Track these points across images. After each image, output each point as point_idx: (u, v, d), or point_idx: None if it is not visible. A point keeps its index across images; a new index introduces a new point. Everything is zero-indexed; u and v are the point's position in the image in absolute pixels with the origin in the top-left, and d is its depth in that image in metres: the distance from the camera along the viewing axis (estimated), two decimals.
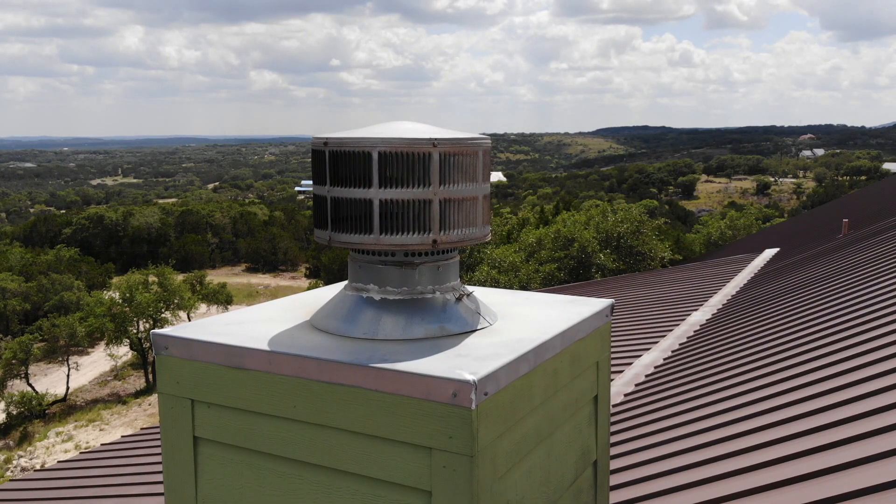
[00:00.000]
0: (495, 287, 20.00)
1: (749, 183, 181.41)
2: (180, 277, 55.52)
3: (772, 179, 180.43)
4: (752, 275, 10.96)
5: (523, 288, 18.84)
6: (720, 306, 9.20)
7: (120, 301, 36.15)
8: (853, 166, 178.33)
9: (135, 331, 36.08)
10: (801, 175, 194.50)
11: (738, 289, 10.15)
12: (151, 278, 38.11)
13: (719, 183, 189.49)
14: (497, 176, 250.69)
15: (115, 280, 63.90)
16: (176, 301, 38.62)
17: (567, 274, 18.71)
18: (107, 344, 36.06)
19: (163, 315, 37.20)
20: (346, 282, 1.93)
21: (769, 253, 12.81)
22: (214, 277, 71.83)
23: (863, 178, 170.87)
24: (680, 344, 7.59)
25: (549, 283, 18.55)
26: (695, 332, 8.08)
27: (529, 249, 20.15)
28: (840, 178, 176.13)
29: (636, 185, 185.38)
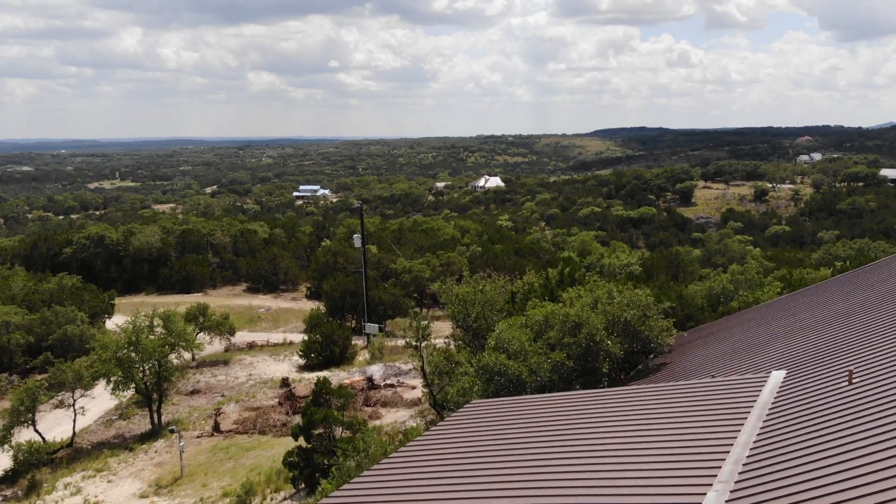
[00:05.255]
0: (504, 374, 20.14)
1: (747, 189, 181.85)
2: (182, 309, 55.65)
3: (769, 186, 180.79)
4: (763, 422, 11.19)
5: (532, 374, 19.10)
6: (734, 482, 9.42)
7: (125, 345, 36.34)
8: (850, 172, 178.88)
9: (141, 376, 36.28)
10: (798, 181, 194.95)
11: (749, 448, 10.37)
12: (157, 321, 38.31)
13: (717, 189, 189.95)
14: (495, 181, 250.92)
15: (117, 302, 64.07)
16: (182, 344, 38.82)
17: (576, 362, 19.01)
18: (113, 391, 36.24)
19: (168, 358, 37.42)
20: None
21: (776, 380, 13.04)
22: (215, 298, 71.99)
23: (860, 184, 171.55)
24: None
25: (559, 371, 18.86)
26: None
27: (537, 328, 20.42)
28: (837, 185, 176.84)
29: (634, 192, 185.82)
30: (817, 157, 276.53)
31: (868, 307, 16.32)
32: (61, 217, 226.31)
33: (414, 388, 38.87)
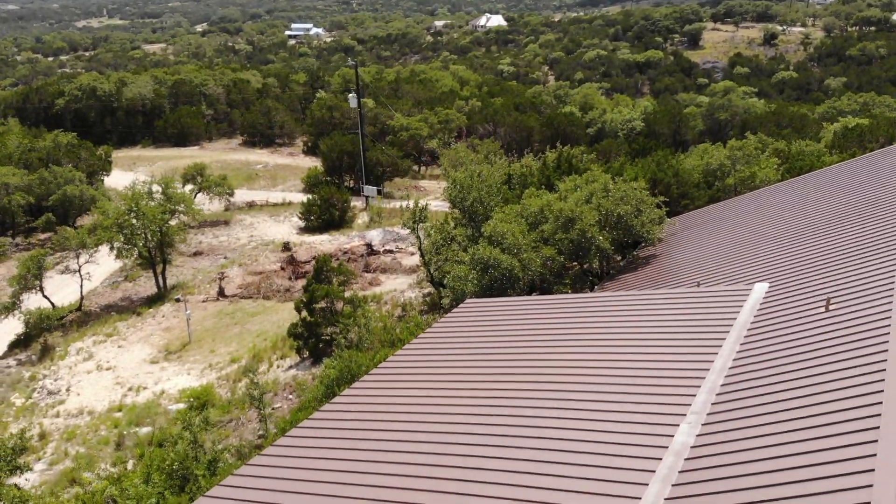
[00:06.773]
0: (497, 268, 20.53)
1: (756, 32, 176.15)
2: (181, 165, 55.60)
3: (780, 29, 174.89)
4: (740, 345, 11.68)
5: (524, 268, 19.55)
6: (706, 415, 10.03)
7: (126, 212, 36.67)
8: (863, 17, 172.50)
9: (143, 243, 36.88)
10: (810, 24, 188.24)
11: (724, 376, 10.92)
12: (155, 187, 38.50)
13: (726, 31, 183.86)
14: (497, 20, 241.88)
15: (114, 156, 63.85)
16: (181, 209, 39.18)
17: (566, 257, 19.40)
18: (117, 256, 37.02)
19: (168, 225, 37.90)
20: None
21: (757, 295, 13.42)
22: (211, 152, 71.64)
23: (872, 28, 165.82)
24: (667, 500, 8.50)
25: (550, 266, 19.29)
26: (684, 466, 8.96)
27: (532, 219, 20.66)
28: (849, 30, 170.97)
29: (641, 33, 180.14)
30: None
31: (856, 213, 16.53)
32: (50, 59, 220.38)
33: (413, 254, 39.63)
